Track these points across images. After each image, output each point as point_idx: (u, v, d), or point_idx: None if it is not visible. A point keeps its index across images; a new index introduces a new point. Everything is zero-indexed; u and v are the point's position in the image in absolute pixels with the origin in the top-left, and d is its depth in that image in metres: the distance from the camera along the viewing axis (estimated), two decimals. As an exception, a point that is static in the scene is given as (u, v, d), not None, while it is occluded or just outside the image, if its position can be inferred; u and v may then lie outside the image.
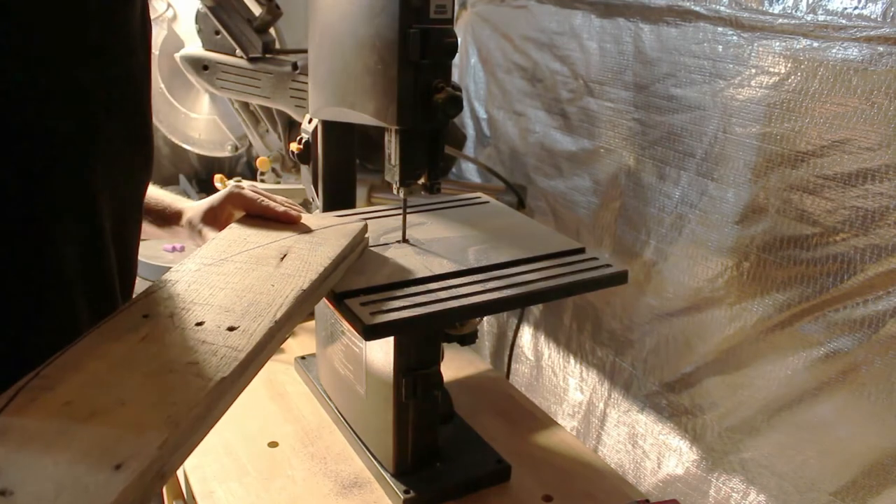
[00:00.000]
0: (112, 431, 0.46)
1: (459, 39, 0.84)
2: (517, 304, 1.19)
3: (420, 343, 0.89)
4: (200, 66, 1.34)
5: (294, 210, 0.90)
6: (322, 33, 0.94)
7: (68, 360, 0.54)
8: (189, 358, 0.56)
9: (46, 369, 0.52)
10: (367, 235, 0.91)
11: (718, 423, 1.18)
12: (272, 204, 0.89)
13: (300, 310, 0.69)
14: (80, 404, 0.48)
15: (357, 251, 0.87)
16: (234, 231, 0.85)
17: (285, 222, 0.88)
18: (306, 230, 0.87)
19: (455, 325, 1.04)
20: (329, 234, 0.86)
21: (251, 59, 1.28)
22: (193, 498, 0.92)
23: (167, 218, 0.94)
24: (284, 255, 0.78)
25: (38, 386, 0.50)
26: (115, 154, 0.68)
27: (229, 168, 2.12)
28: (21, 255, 0.60)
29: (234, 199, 0.90)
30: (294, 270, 0.74)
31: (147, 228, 0.93)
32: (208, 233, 0.90)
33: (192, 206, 0.94)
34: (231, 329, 0.61)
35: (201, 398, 0.51)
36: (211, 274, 0.72)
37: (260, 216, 0.89)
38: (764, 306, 1.09)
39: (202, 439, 0.52)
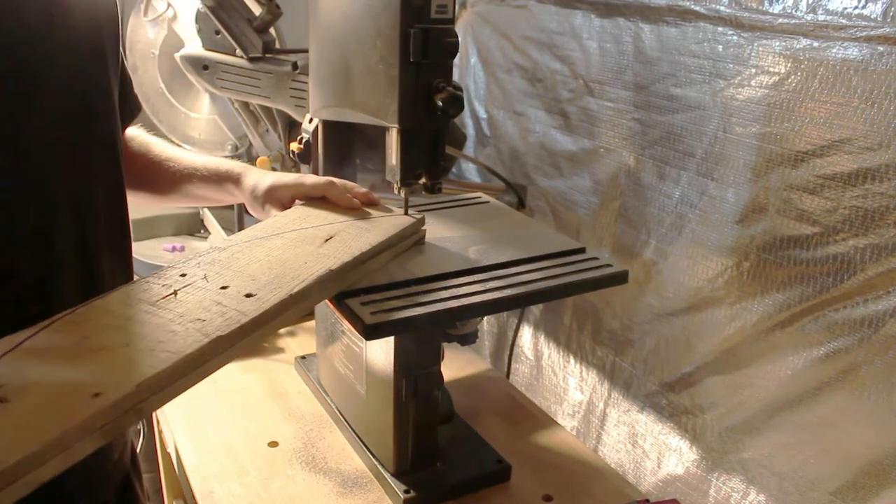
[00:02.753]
0: (107, 365, 0.54)
1: (459, 39, 0.84)
2: (517, 304, 1.19)
3: (420, 343, 0.89)
4: (200, 66, 1.34)
5: (357, 201, 0.91)
6: (323, 33, 0.94)
7: (102, 304, 0.62)
8: (199, 315, 0.61)
9: (82, 308, 0.61)
10: (424, 228, 0.93)
11: (718, 423, 1.18)
12: (333, 192, 0.90)
13: (325, 288, 0.72)
14: (94, 340, 0.57)
15: (408, 242, 0.89)
16: (297, 210, 0.88)
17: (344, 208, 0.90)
18: (364, 217, 0.89)
19: (455, 325, 1.04)
20: (383, 222, 0.88)
21: (251, 59, 1.28)
22: (193, 498, 0.92)
23: (223, 177, 0.93)
24: (330, 238, 0.80)
25: (70, 320, 0.59)
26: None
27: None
28: None
29: (294, 187, 0.90)
30: (332, 252, 0.77)
31: (212, 193, 0.95)
32: (270, 209, 0.91)
33: (257, 175, 0.93)
34: (248, 296, 0.65)
35: (193, 350, 0.56)
36: (257, 246, 0.76)
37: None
38: (764, 306, 1.09)
39: (187, 388, 0.57)
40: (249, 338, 0.62)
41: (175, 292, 0.65)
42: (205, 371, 0.59)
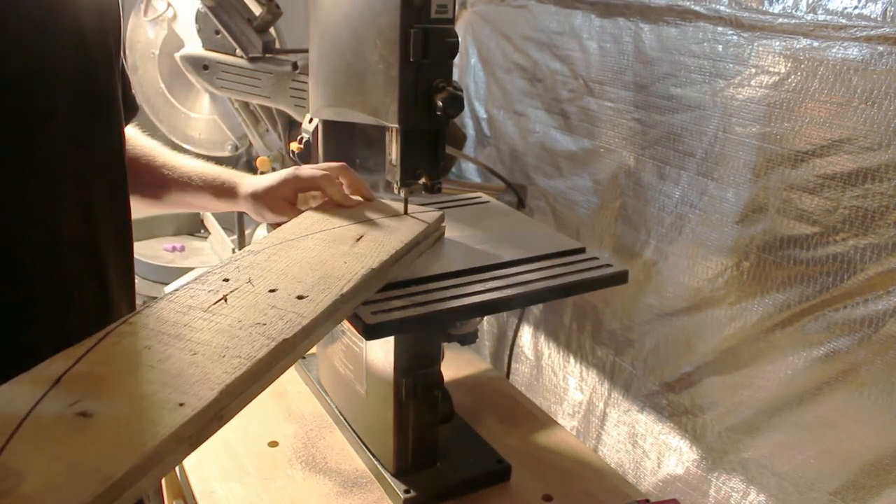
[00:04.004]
0: (179, 374, 0.53)
1: (459, 39, 0.84)
2: (517, 304, 1.19)
3: (420, 343, 0.89)
4: (200, 66, 1.34)
5: (353, 198, 0.92)
6: (323, 33, 0.94)
7: (154, 312, 0.62)
8: (258, 319, 0.62)
9: (134, 317, 0.60)
10: (443, 224, 0.94)
11: (718, 423, 1.18)
12: (330, 189, 0.90)
13: (368, 287, 0.74)
14: (157, 350, 0.56)
15: (431, 239, 0.90)
16: (317, 213, 0.89)
17: (341, 206, 0.91)
18: (388, 214, 0.90)
19: (455, 325, 1.04)
20: (407, 220, 0.89)
21: (251, 59, 1.28)
22: (193, 498, 0.92)
23: (224, 191, 0.95)
24: (361, 237, 0.81)
25: (124, 331, 0.59)
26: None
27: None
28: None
29: (292, 182, 0.91)
30: (367, 250, 0.78)
31: (205, 202, 0.96)
32: (269, 210, 0.91)
33: (252, 180, 0.94)
34: (300, 297, 0.66)
35: (263, 355, 0.56)
36: (290, 248, 0.77)
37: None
38: (764, 306, 1.09)
39: (259, 392, 0.58)
40: (307, 340, 0.63)
41: (224, 297, 0.65)
42: (272, 375, 0.59)
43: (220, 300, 0.64)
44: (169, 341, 0.57)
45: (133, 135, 0.97)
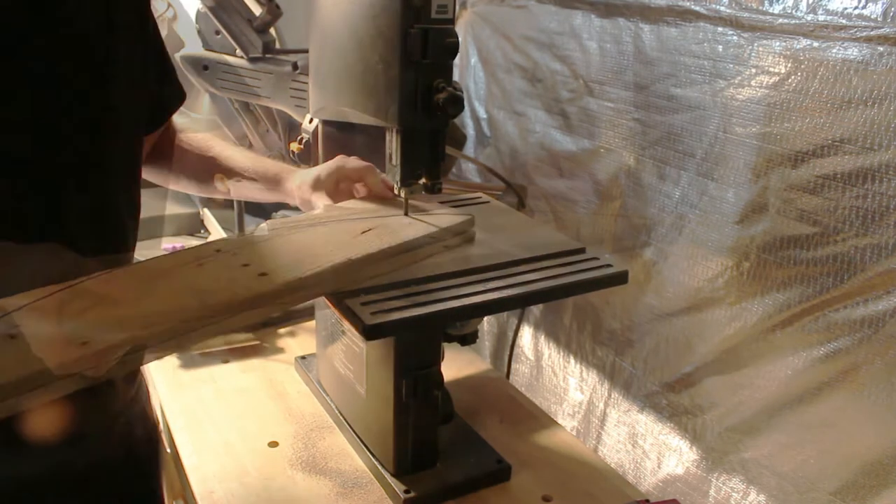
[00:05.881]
0: (111, 319, 0.60)
1: (459, 39, 0.84)
2: (517, 304, 1.19)
3: (420, 343, 0.89)
4: (200, 66, 1.34)
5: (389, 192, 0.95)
6: (323, 33, 0.94)
7: (143, 265, 0.70)
8: (210, 286, 0.67)
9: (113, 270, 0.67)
10: (473, 228, 0.93)
11: (718, 423, 1.18)
12: (371, 180, 0.94)
13: (341, 278, 0.75)
14: (119, 297, 0.63)
15: (456, 240, 0.90)
16: (353, 203, 0.91)
17: (376, 196, 0.94)
18: (419, 210, 0.91)
19: (455, 325, 1.04)
20: (431, 219, 0.89)
21: (251, 59, 1.28)
22: (193, 498, 0.92)
23: (276, 182, 0.98)
24: (369, 229, 0.82)
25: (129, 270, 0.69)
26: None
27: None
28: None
29: (336, 173, 0.93)
30: (362, 243, 0.79)
31: (259, 194, 1.00)
32: (316, 200, 0.93)
33: (301, 173, 0.97)
34: (262, 275, 0.69)
35: (191, 315, 0.62)
36: (295, 232, 0.80)
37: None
38: (764, 306, 1.09)
39: (188, 346, 0.69)
40: (248, 313, 0.66)
41: (201, 265, 0.70)
42: (204, 334, 0.64)
43: (197, 265, 0.70)
44: (133, 291, 0.65)
45: (185, 128, 1.01)
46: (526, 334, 1.62)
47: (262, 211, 1.50)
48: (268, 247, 0.75)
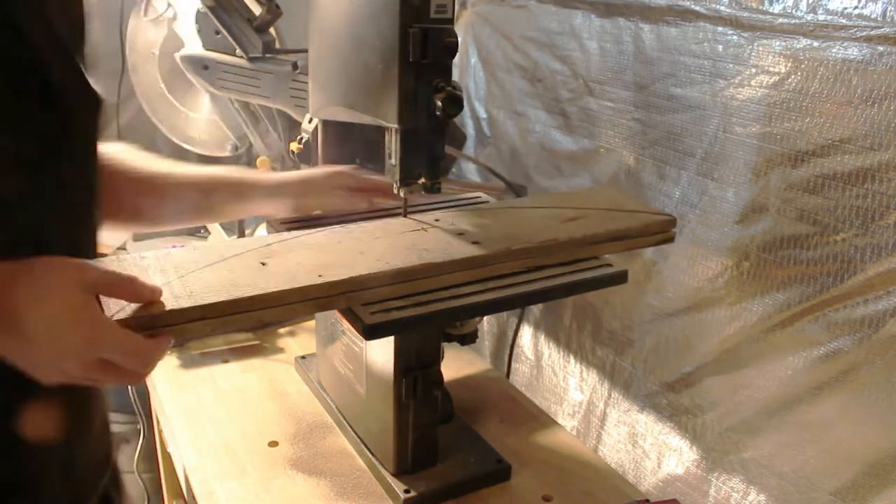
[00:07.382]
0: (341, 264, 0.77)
1: (459, 39, 0.84)
2: (517, 304, 1.19)
3: (420, 343, 0.89)
4: (200, 66, 1.34)
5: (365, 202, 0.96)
6: (322, 33, 0.94)
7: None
8: (431, 247, 0.83)
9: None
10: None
11: (718, 423, 1.18)
12: (374, 185, 0.94)
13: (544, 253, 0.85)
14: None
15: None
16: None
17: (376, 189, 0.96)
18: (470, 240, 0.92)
19: (455, 325, 1.04)
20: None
21: (251, 59, 1.28)
22: (193, 498, 0.92)
23: (243, 191, 0.93)
24: (574, 218, 0.92)
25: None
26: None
27: (229, 168, 2.11)
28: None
29: (338, 176, 0.92)
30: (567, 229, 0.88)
31: (223, 208, 0.94)
32: (304, 204, 0.91)
33: (276, 176, 0.93)
34: (474, 243, 0.81)
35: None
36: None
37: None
38: (764, 306, 1.09)
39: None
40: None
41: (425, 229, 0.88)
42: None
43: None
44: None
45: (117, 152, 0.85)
46: (526, 334, 1.62)
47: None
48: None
